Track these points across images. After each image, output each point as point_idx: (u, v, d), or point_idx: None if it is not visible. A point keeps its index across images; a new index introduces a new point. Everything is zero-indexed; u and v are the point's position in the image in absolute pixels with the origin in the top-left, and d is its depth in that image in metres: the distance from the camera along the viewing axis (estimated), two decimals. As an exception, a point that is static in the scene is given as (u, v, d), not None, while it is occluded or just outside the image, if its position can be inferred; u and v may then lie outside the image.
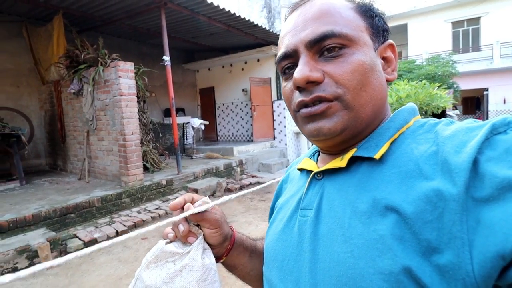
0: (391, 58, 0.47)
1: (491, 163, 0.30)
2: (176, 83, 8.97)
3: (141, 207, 4.21)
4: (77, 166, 5.29)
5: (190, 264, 0.48)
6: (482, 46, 14.48)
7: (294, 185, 0.54)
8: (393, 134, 0.41)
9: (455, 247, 0.29)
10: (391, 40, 0.48)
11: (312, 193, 0.45)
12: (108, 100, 4.46)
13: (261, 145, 8.07)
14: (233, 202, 4.72)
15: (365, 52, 0.42)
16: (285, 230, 0.47)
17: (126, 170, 4.29)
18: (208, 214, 0.51)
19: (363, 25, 0.43)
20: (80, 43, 4.85)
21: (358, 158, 0.42)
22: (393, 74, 0.46)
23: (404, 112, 0.44)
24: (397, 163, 0.38)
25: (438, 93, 4.05)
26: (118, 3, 5.14)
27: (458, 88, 11.24)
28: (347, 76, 0.40)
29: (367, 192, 0.37)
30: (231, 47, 8.70)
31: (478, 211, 0.29)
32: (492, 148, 0.31)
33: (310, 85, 0.41)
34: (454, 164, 0.31)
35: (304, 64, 0.41)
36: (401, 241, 0.32)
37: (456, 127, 0.36)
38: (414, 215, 0.32)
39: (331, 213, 0.40)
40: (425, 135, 0.39)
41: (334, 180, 0.43)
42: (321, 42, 0.41)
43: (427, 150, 0.36)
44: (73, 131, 5.33)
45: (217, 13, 5.75)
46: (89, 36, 6.00)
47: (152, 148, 5.54)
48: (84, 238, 3.21)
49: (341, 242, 0.37)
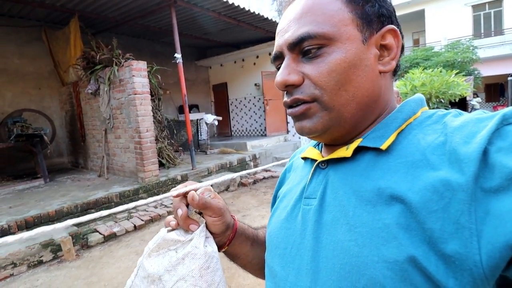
0: (390, 45, 0.43)
1: (501, 153, 0.30)
2: (190, 80, 9.09)
3: (157, 202, 4.33)
4: (97, 163, 5.49)
5: (192, 252, 0.47)
6: (505, 29, 13.70)
7: (297, 174, 0.54)
8: (400, 124, 0.41)
9: (462, 237, 0.29)
10: (392, 25, 0.43)
11: (316, 182, 0.45)
12: (123, 99, 4.59)
13: (274, 139, 8.07)
14: (247, 196, 4.77)
15: (346, 49, 0.40)
16: (288, 219, 0.47)
17: (142, 166, 4.42)
18: (211, 202, 0.51)
19: (348, 17, 0.40)
20: (95, 45, 5.00)
21: (363, 148, 0.41)
22: (390, 64, 0.43)
23: (411, 102, 0.44)
24: (404, 153, 0.37)
25: (455, 80, 3.88)
26: (130, 3, 5.24)
27: (480, 74, 10.74)
28: (324, 77, 0.40)
29: (372, 181, 0.37)
30: (242, 42, 8.70)
31: (487, 201, 0.29)
32: (502, 139, 0.31)
33: (290, 87, 0.42)
34: (464, 154, 0.31)
35: (284, 67, 0.42)
36: (406, 230, 0.32)
37: (465, 118, 0.36)
38: (419, 204, 0.32)
39: (335, 202, 0.40)
40: (433, 126, 0.38)
41: (338, 169, 0.43)
42: (300, 44, 0.41)
43: (435, 140, 0.36)
44: (92, 130, 5.53)
45: (226, 8, 5.75)
46: (104, 37, 6.18)
47: (167, 144, 5.67)
48: (104, 232, 3.35)
49: (345, 231, 0.37)
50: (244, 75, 9.09)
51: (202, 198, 0.50)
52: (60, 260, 2.90)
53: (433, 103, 3.73)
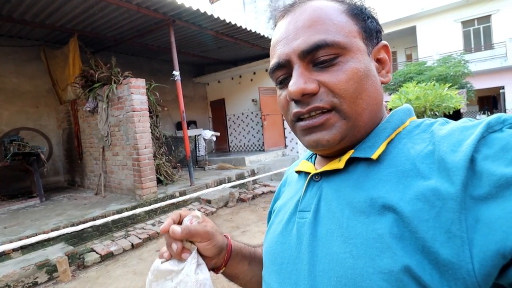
0: (385, 59, 0.46)
1: (488, 161, 0.30)
2: (188, 97, 9.17)
3: (155, 220, 4.27)
4: (94, 181, 5.44)
5: (184, 280, 0.48)
6: (494, 44, 14.14)
7: (292, 187, 0.54)
8: (389, 134, 0.41)
9: (454, 246, 0.29)
10: (385, 41, 0.47)
11: (310, 195, 0.45)
12: (121, 116, 4.60)
13: (272, 154, 8.07)
14: (246, 212, 4.71)
15: (359, 59, 0.41)
16: (283, 233, 0.47)
17: (140, 183, 4.38)
18: (197, 228, 0.50)
19: (355, 29, 0.42)
20: (94, 63, 5.06)
21: (355, 159, 0.42)
22: (388, 76, 0.46)
23: (400, 112, 0.45)
24: (394, 162, 0.38)
25: (449, 93, 3.96)
26: (129, 23, 5.36)
27: (472, 87, 10.97)
28: (343, 85, 0.39)
29: (364, 192, 0.37)
30: (239, 59, 8.86)
31: (477, 209, 0.29)
32: (488, 146, 0.31)
33: (306, 96, 0.41)
34: (451, 163, 0.32)
35: (298, 76, 0.41)
36: (400, 239, 0.32)
37: (452, 127, 0.36)
38: (411, 213, 0.32)
39: (329, 214, 0.40)
40: (421, 135, 0.39)
41: (331, 181, 0.43)
42: (314, 52, 0.40)
43: (424, 149, 0.36)
44: (90, 148, 5.50)
45: (224, 27, 5.89)
46: (103, 55, 6.27)
47: (165, 161, 5.64)
48: (100, 252, 3.27)
49: (340, 243, 0.36)
50: (242, 91, 9.21)
51: (185, 229, 0.49)
52: (55, 282, 2.81)
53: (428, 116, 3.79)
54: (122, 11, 4.86)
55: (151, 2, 4.55)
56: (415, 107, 4.00)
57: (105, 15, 5.00)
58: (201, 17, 5.27)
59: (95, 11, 4.77)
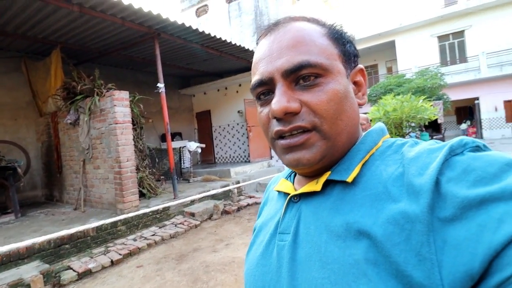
0: (361, 82, 0.48)
1: (451, 183, 0.31)
2: (173, 108, 9.14)
3: (137, 234, 4.17)
4: (73, 196, 5.28)
5: None
6: (468, 57, 14.91)
7: (272, 206, 0.54)
8: (363, 156, 0.42)
9: (425, 269, 0.29)
10: (361, 65, 0.49)
11: (290, 217, 0.45)
12: (103, 129, 4.54)
13: (258, 165, 8.09)
14: (230, 224, 4.68)
15: (339, 81, 0.42)
16: (264, 255, 0.47)
17: (122, 197, 4.29)
18: None
19: (336, 52, 0.44)
20: (77, 75, 5.00)
21: (332, 181, 0.42)
22: (364, 98, 0.47)
23: (373, 133, 0.46)
24: (368, 185, 0.38)
25: (423, 105, 4.14)
26: (114, 36, 5.36)
27: (449, 99, 11.45)
28: (324, 106, 0.40)
29: (341, 216, 0.38)
30: (225, 71, 8.96)
31: (444, 231, 0.30)
32: (451, 169, 0.32)
33: (288, 115, 0.41)
34: (418, 186, 0.33)
35: (281, 94, 0.41)
36: (374, 265, 0.32)
37: (419, 149, 0.38)
38: (383, 238, 0.33)
39: (308, 238, 0.40)
40: (393, 156, 0.40)
41: (310, 203, 0.43)
42: (298, 72, 0.41)
43: (394, 171, 0.37)
44: (70, 161, 5.36)
45: (209, 40, 5.97)
46: (86, 67, 6.20)
47: (148, 174, 5.56)
48: (78, 269, 3.16)
49: (319, 268, 0.37)
50: (227, 103, 9.26)
51: None
52: (28, 303, 2.69)
53: (404, 126, 3.94)
54: (106, 24, 4.86)
55: (136, 16, 4.58)
56: (392, 118, 4.16)
57: (89, 28, 4.98)
58: (186, 30, 5.33)
59: (79, 24, 4.76)
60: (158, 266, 3.30)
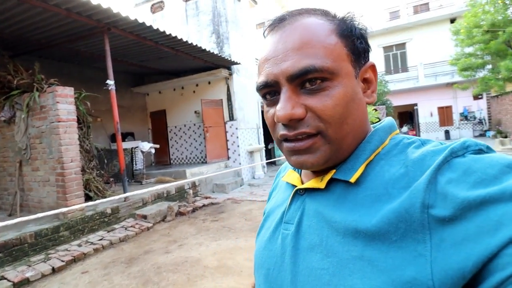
0: (371, 79, 0.46)
1: (452, 184, 0.32)
2: (125, 107, 8.71)
3: (82, 240, 3.93)
4: (8, 201, 4.78)
5: None
6: (409, 67, 16.57)
7: (280, 194, 0.57)
8: (368, 156, 0.42)
9: (418, 264, 0.31)
10: (372, 61, 0.47)
11: (294, 208, 0.47)
12: (44, 127, 4.20)
13: (215, 166, 8.08)
14: (185, 225, 4.64)
15: (346, 84, 0.41)
16: (271, 240, 0.50)
17: (65, 200, 4.01)
18: None
19: (344, 52, 0.42)
20: (13, 68, 4.56)
21: (336, 179, 0.43)
22: (373, 96, 0.46)
23: (380, 132, 0.45)
24: (370, 185, 0.39)
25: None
26: (57, 27, 4.97)
27: (391, 104, 12.59)
28: (329, 111, 0.40)
29: (341, 214, 0.39)
30: (182, 70, 8.78)
31: (442, 230, 0.31)
32: (452, 170, 0.33)
33: (293, 121, 0.41)
34: (417, 186, 0.34)
35: (286, 100, 0.41)
36: (369, 262, 0.34)
37: (423, 151, 0.38)
38: (380, 237, 0.34)
39: (310, 230, 0.43)
40: (398, 157, 0.40)
41: (314, 198, 0.45)
42: (303, 77, 0.40)
43: (396, 172, 0.38)
44: (3, 162, 4.85)
45: (163, 38, 5.83)
46: (24, 60, 5.63)
47: (96, 175, 5.25)
48: (13, 279, 2.90)
49: (319, 259, 0.39)
50: (184, 103, 9.10)
51: None
52: (-51, 320, 2.41)
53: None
54: (49, 15, 4.49)
55: (84, 8, 4.32)
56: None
57: (28, 18, 4.55)
58: (139, 26, 5.15)
59: (16, 12, 4.34)
60: (105, 270, 3.17)
